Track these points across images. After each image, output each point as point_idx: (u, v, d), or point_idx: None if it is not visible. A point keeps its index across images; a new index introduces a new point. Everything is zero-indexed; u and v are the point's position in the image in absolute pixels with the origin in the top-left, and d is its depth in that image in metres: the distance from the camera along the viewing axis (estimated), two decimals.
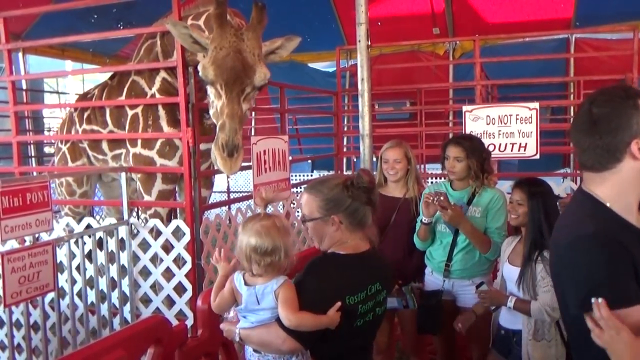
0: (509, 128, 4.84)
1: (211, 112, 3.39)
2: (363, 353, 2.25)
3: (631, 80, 4.95)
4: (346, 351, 2.16)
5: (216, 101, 3.29)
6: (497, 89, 8.91)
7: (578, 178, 7.35)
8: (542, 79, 7.16)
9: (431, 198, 3.18)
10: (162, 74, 3.92)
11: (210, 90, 3.33)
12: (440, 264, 3.37)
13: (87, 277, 3.69)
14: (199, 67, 3.27)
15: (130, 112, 4.03)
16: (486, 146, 3.52)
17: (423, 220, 3.31)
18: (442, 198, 3.16)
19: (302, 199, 2.24)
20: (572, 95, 8.70)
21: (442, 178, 7.93)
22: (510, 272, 2.98)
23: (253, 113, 11.02)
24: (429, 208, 3.22)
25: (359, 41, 4.16)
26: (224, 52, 3.19)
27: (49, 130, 9.78)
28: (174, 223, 3.70)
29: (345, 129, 7.84)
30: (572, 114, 8.73)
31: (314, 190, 2.18)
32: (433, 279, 3.45)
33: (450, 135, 8.15)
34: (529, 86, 8.43)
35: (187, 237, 3.61)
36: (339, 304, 2.01)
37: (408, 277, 3.44)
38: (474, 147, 3.32)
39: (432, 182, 7.99)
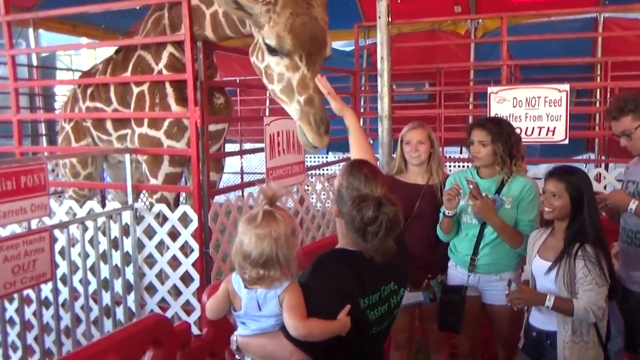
0: (536, 111, 4.55)
1: (278, 86, 2.99)
2: (376, 357, 2.02)
3: None
4: (359, 358, 1.90)
5: (289, 73, 2.91)
6: (519, 70, 8.52)
7: (602, 164, 7.03)
8: (570, 60, 6.78)
9: (453, 194, 2.94)
10: (170, 48, 3.64)
11: (279, 60, 2.92)
12: (465, 257, 3.09)
13: (90, 264, 3.47)
14: (268, 35, 2.86)
15: (136, 90, 3.76)
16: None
17: (445, 213, 3.04)
18: (472, 187, 2.90)
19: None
20: (598, 77, 8.29)
21: (463, 163, 7.66)
22: (541, 267, 2.70)
23: (268, 92, 10.78)
24: (451, 201, 2.96)
25: (379, 17, 3.89)
26: (301, 20, 2.83)
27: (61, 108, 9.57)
28: (181, 208, 3.46)
29: (362, 110, 7.52)
30: (598, 96, 8.35)
31: (348, 170, 1.91)
32: (457, 273, 3.17)
33: (471, 118, 7.87)
34: (553, 67, 8.06)
35: (194, 224, 3.37)
36: (348, 307, 1.76)
37: (433, 270, 3.17)
38: (501, 130, 3.01)
39: (451, 167, 7.71)
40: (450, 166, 7.95)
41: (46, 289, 3.57)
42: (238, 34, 3.40)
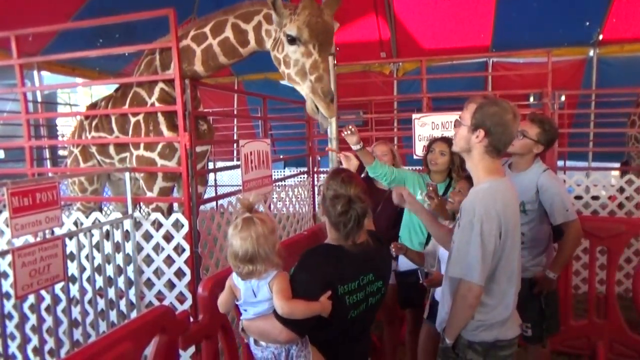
0: (449, 132, 4.64)
1: (293, 69, 2.96)
2: (361, 338, 1.92)
3: (547, 93, 4.78)
4: (344, 338, 1.83)
5: (304, 59, 2.90)
6: (431, 101, 8.72)
7: None
8: (471, 93, 6.96)
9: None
10: (161, 84, 3.47)
11: (295, 49, 2.91)
12: (419, 246, 3.12)
13: (96, 265, 3.24)
14: (290, 28, 2.86)
15: (133, 120, 3.56)
16: None
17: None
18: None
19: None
20: None
21: None
22: (445, 254, 2.69)
23: (235, 120, 10.58)
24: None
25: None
26: (316, 19, 2.86)
27: (62, 137, 9.08)
28: (174, 216, 3.28)
29: (316, 133, 7.49)
30: None
31: (330, 176, 1.86)
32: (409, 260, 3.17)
33: (396, 139, 7.97)
34: (456, 99, 8.29)
35: (185, 228, 3.21)
36: (329, 292, 1.69)
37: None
38: None
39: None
40: None
41: (57, 288, 3.31)
42: (234, 57, 3.30)
